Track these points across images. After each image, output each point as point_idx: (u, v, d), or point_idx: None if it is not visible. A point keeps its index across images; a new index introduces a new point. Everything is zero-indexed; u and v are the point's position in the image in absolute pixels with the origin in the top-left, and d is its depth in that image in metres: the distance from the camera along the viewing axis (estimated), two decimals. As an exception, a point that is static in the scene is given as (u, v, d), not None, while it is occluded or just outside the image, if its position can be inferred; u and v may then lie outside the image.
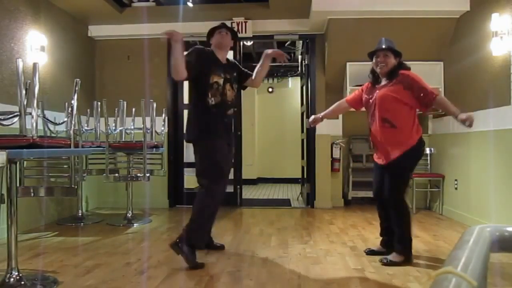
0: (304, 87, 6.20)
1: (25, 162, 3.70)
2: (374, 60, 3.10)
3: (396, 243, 3.03)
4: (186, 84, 6.13)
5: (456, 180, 4.77)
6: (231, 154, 3.32)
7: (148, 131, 4.45)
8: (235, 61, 3.49)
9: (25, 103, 2.35)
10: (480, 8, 4.26)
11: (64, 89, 4.69)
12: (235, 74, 3.29)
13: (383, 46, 3.06)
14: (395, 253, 3.00)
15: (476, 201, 4.29)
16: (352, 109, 3.49)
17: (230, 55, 5.82)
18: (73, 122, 2.94)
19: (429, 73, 4.87)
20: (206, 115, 3.07)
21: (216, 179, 3.01)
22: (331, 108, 3.53)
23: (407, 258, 2.98)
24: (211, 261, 3.06)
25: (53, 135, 3.98)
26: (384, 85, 3.05)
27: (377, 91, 3.07)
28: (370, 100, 3.11)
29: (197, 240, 2.98)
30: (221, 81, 3.11)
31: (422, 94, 2.91)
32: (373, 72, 3.15)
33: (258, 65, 3.34)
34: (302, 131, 6.43)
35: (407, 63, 3.13)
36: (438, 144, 5.25)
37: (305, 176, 6.34)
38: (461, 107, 2.90)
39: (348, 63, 5.30)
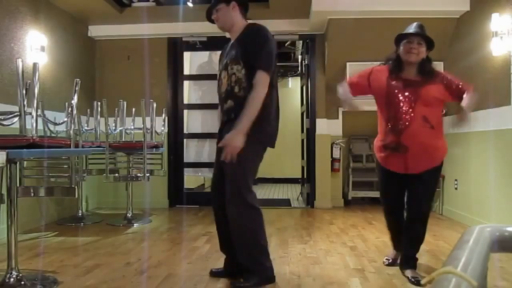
0: (304, 87, 6.20)
1: (25, 162, 3.70)
2: (402, 47, 2.62)
3: (406, 263, 2.71)
4: (186, 84, 6.17)
5: (456, 180, 4.77)
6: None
7: (148, 131, 4.45)
8: (250, 29, 2.56)
9: (25, 103, 2.35)
10: (480, 8, 4.26)
11: (64, 89, 4.69)
12: (234, 51, 2.53)
13: (418, 31, 2.60)
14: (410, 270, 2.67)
15: (476, 201, 4.29)
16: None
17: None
18: (73, 122, 2.94)
19: (429, 73, 4.87)
20: None
21: None
22: (348, 92, 2.72)
23: None
24: (211, 261, 3.06)
25: (53, 135, 3.98)
26: (422, 81, 2.61)
27: (411, 85, 2.60)
28: (406, 93, 2.60)
29: None
30: (219, 72, 2.67)
31: (460, 85, 2.61)
32: (398, 59, 2.67)
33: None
34: (302, 131, 6.43)
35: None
36: (438, 144, 5.25)
37: (305, 176, 6.33)
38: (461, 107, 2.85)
39: (348, 63, 5.29)
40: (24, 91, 2.35)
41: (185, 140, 6.05)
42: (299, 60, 7.15)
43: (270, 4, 5.21)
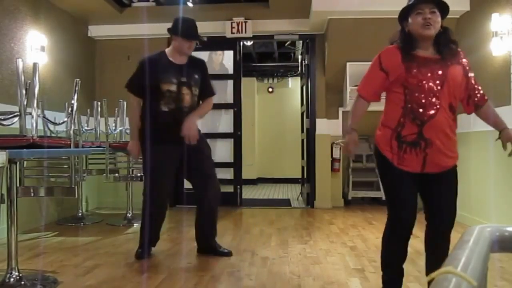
0: (304, 87, 6.21)
1: (25, 162, 3.70)
2: (412, 20, 2.12)
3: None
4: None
5: (456, 180, 4.76)
6: (198, 159, 3.10)
7: (148, 131, 4.45)
8: (202, 62, 3.26)
9: (25, 103, 2.35)
10: (480, 8, 4.26)
11: (64, 89, 4.69)
12: (196, 76, 3.10)
13: None
14: None
15: (476, 201, 4.29)
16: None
17: (230, 56, 5.87)
18: (73, 122, 2.94)
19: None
20: (155, 122, 2.97)
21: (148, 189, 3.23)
22: (357, 116, 2.22)
23: None
24: (211, 261, 3.06)
25: (53, 135, 3.98)
26: (445, 59, 2.10)
27: (433, 65, 2.07)
28: (428, 73, 2.06)
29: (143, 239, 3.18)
30: (174, 87, 2.97)
31: (477, 92, 2.17)
32: (408, 36, 2.15)
33: None
34: (302, 131, 6.43)
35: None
36: (438, 144, 5.25)
37: (305, 176, 6.34)
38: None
39: (348, 63, 5.30)
40: (24, 91, 2.35)
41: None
42: (299, 60, 7.15)
43: (270, 4, 5.21)
